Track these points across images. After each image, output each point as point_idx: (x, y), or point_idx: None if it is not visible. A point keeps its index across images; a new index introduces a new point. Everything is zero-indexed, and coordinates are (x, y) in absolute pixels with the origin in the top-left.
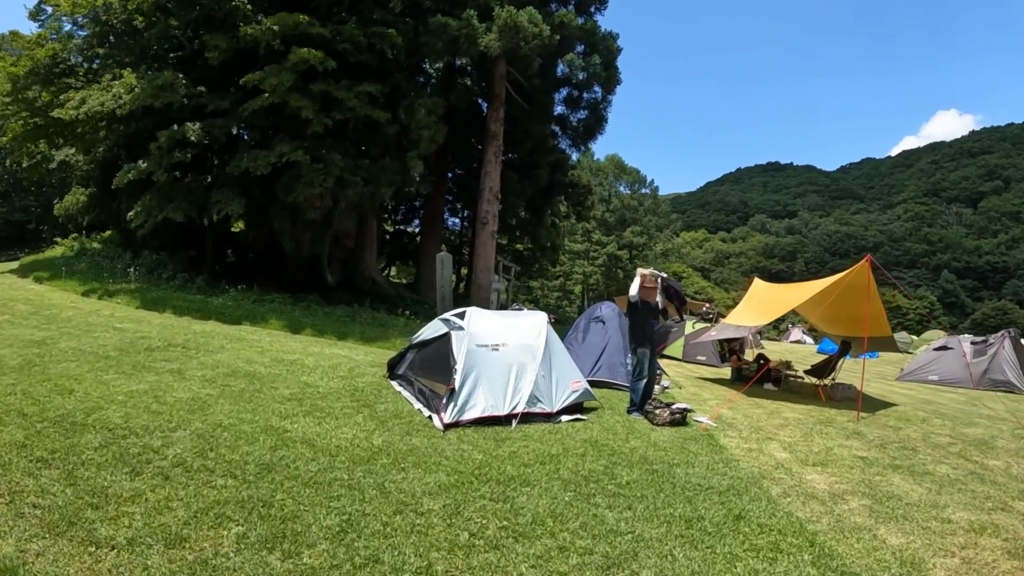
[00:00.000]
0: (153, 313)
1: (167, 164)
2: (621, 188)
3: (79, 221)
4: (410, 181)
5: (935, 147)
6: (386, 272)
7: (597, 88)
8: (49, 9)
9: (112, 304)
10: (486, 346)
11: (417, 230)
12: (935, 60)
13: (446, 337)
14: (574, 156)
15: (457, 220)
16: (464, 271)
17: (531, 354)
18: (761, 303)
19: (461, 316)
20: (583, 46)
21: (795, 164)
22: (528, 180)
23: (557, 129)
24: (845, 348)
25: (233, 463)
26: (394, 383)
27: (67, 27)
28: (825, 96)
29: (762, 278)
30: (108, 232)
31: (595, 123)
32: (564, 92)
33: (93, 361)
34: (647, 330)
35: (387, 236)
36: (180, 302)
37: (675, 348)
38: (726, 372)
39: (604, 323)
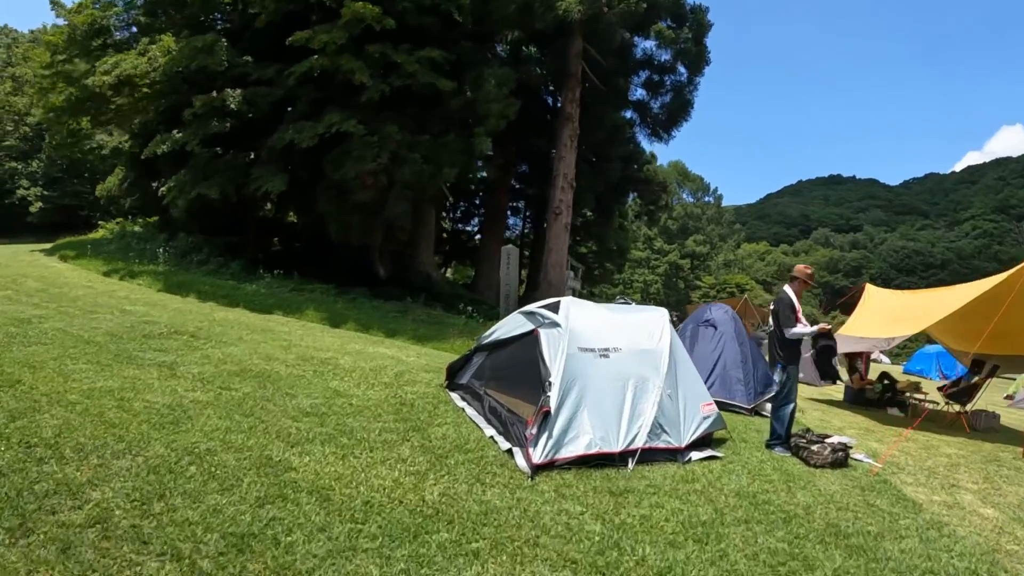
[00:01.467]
0: (174, 297)
1: (203, 135)
2: (684, 195)
3: (121, 204)
4: (474, 165)
5: (1000, 163)
6: (442, 272)
7: (682, 69)
8: None
9: (131, 286)
10: (591, 351)
11: (476, 229)
12: (1000, 75)
13: (532, 336)
14: (650, 149)
15: (518, 220)
16: (525, 272)
17: (652, 364)
18: (886, 311)
19: (554, 308)
20: (668, 20)
21: (857, 177)
22: (598, 174)
23: (634, 116)
24: (981, 368)
25: (185, 530)
26: (455, 396)
27: None
28: (887, 109)
29: (827, 294)
30: (154, 217)
31: (679, 108)
32: (643, 76)
33: (70, 346)
34: (798, 344)
35: (444, 235)
36: (207, 287)
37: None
38: (832, 392)
39: (716, 328)
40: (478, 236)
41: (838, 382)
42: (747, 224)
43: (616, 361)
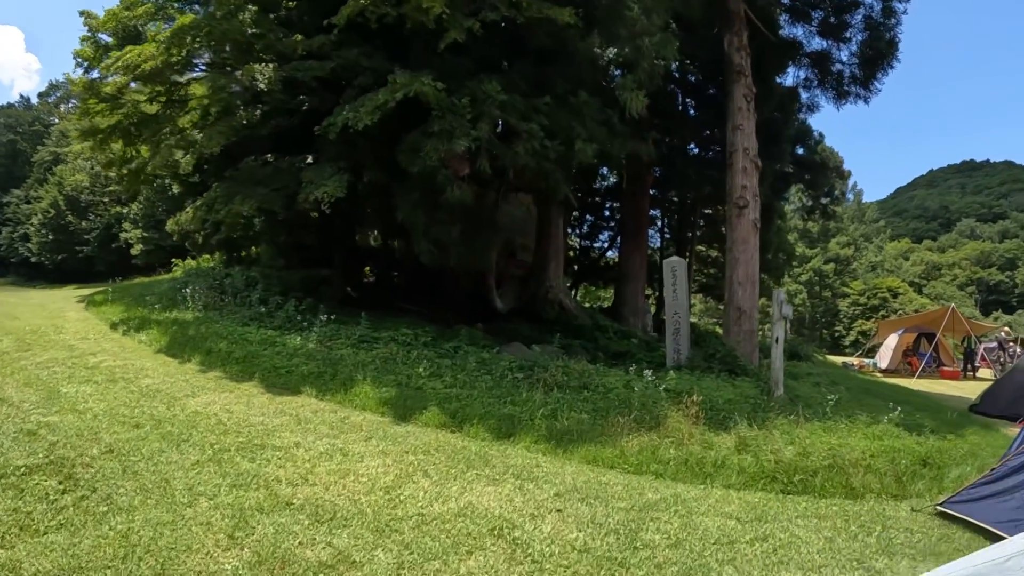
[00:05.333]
0: (169, 362)
1: (228, 128)
2: None
3: (195, 238)
4: (622, 141)
5: None
6: (575, 298)
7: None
8: None
9: (129, 343)
10: None
11: (605, 245)
12: None
13: None
14: (830, 114)
15: (654, 231)
16: (659, 293)
17: None
18: None
19: None
20: None
21: (991, 161)
22: (765, 159)
23: (812, 75)
24: None
25: None
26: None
27: None
28: (1010, 85)
29: (982, 291)
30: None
31: (879, 52)
32: (817, 17)
33: None
34: None
35: (572, 252)
36: (225, 344)
37: None
38: None
39: None
40: (610, 252)
41: None
42: (881, 221)
43: None
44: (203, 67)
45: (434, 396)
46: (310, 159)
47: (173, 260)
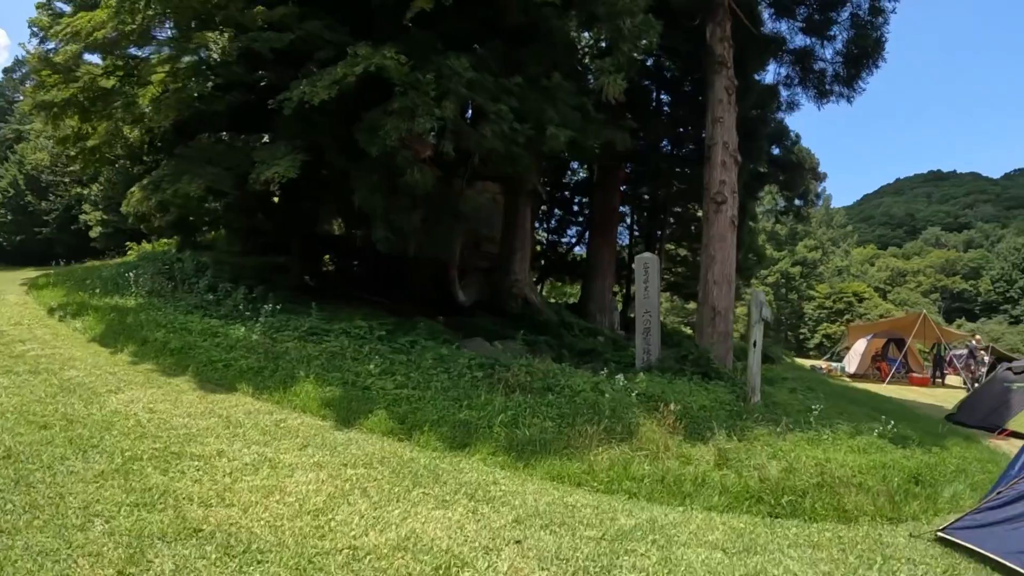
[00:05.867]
0: (101, 351)
1: (178, 101)
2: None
3: (151, 222)
4: (596, 128)
5: None
6: (541, 293)
7: None
8: None
9: (63, 329)
10: None
11: (573, 240)
12: None
13: None
14: (799, 120)
15: (624, 228)
16: (633, 288)
17: None
18: None
19: None
20: None
21: (959, 172)
22: (741, 156)
23: (792, 73)
24: None
25: None
26: None
27: None
28: (978, 97)
29: (945, 299)
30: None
31: (864, 51)
32: (803, 12)
33: None
34: None
35: (539, 247)
36: (162, 333)
37: None
38: None
39: None
40: (578, 248)
41: None
42: (849, 226)
43: None
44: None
45: (383, 397)
46: (267, 138)
47: (128, 244)
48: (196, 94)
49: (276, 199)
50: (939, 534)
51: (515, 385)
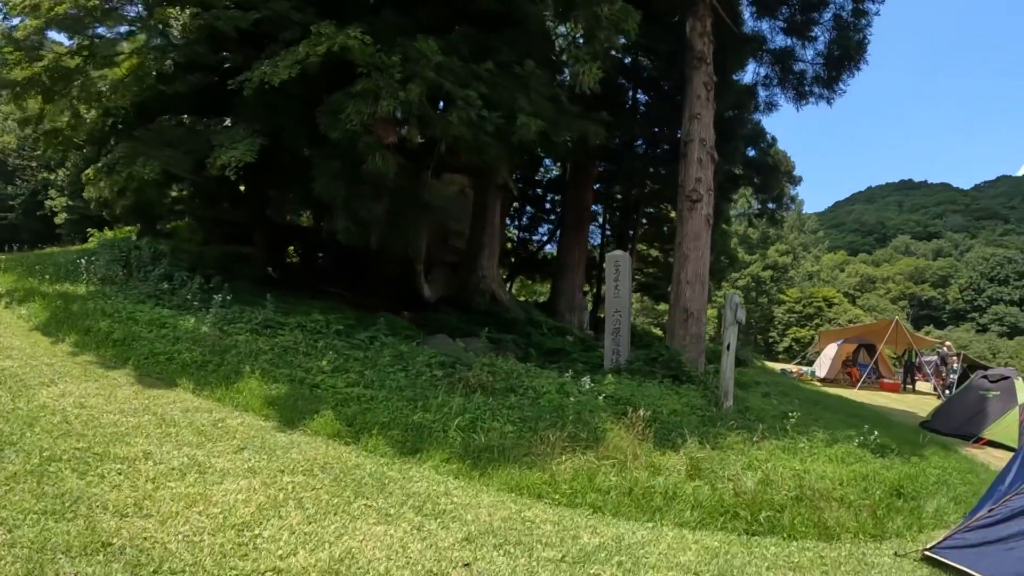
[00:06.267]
0: (41, 340)
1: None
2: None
3: (113, 208)
4: (568, 120)
5: None
6: (510, 290)
7: None
8: None
9: (9, 316)
10: None
11: (544, 239)
12: None
13: None
14: (773, 125)
15: (596, 227)
16: (603, 288)
17: None
18: None
19: None
20: None
21: (930, 182)
22: (720, 156)
23: (772, 73)
24: None
25: None
26: None
27: None
28: (952, 106)
29: (914, 306)
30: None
31: (846, 52)
32: (785, 12)
33: None
34: None
35: (509, 244)
36: (108, 324)
37: (1004, 430)
38: None
39: None
40: (549, 247)
41: None
42: (820, 232)
43: None
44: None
45: (333, 396)
46: (228, 122)
47: (89, 230)
48: (155, 72)
49: (242, 188)
50: (926, 553)
51: (476, 386)
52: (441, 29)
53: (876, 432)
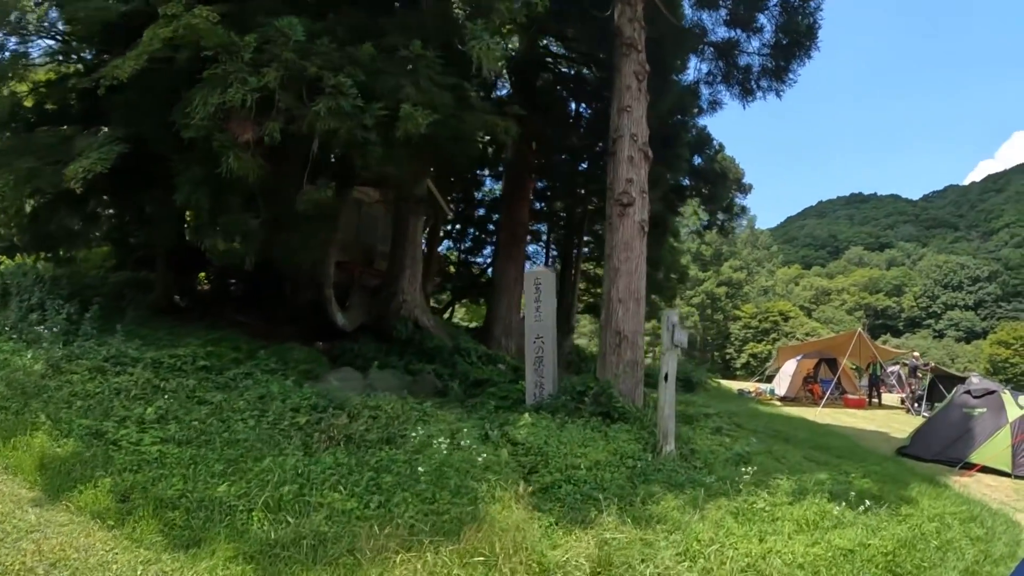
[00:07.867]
0: None
1: None
2: None
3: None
4: (474, 116)
5: None
6: (449, 315)
7: None
8: None
9: None
10: None
11: (487, 261)
12: (1006, 80)
13: None
14: (730, 112)
15: (540, 247)
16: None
17: None
18: None
19: None
20: None
21: (879, 194)
22: (659, 163)
23: (714, 69)
24: None
25: None
26: None
27: None
28: (896, 121)
29: (869, 316)
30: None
31: (796, 40)
32: (727, 1)
33: None
34: None
35: (451, 268)
36: None
37: (995, 453)
38: None
39: None
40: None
41: None
42: (773, 247)
43: None
44: None
45: (126, 458)
46: (106, 129)
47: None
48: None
49: (105, 198)
50: None
51: (340, 437)
52: (322, 11)
53: (846, 466)
